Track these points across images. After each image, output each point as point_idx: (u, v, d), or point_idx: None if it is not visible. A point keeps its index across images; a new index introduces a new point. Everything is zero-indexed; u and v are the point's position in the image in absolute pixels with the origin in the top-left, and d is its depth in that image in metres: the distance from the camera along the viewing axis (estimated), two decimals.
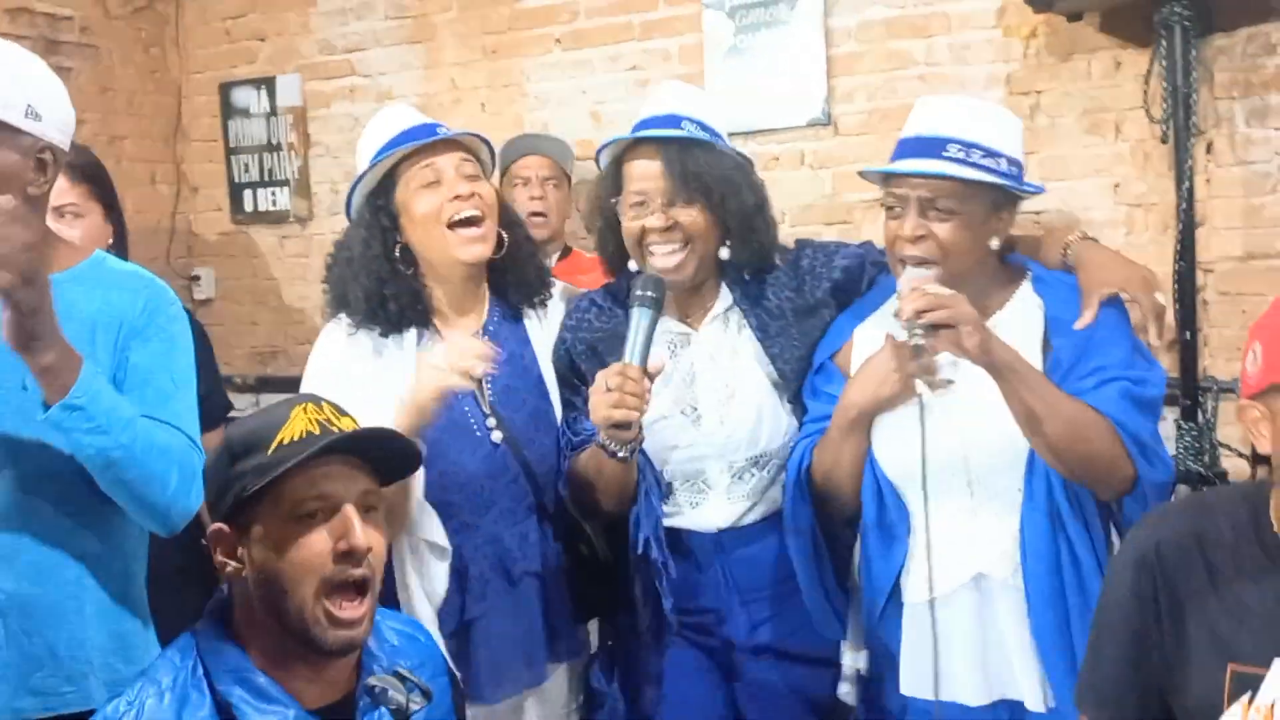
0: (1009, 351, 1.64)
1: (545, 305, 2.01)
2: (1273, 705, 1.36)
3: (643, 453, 1.84)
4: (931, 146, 1.69)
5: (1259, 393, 1.34)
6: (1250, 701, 1.37)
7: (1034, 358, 1.71)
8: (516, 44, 3.37)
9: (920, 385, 1.66)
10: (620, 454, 1.76)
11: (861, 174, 1.84)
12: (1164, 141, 2.54)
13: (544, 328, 2.00)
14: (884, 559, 1.79)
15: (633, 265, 1.90)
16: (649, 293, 1.75)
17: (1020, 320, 1.76)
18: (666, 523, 1.89)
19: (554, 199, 2.88)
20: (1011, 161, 1.72)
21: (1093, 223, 2.73)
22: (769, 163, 3.02)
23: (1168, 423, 2.60)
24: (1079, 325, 1.70)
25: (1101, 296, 1.71)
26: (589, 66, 3.27)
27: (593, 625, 2.08)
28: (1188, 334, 2.52)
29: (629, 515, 1.87)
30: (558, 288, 2.06)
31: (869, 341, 1.80)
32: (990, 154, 1.69)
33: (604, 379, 1.71)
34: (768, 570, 1.91)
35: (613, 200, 1.90)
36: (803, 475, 1.82)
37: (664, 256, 1.84)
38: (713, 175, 1.85)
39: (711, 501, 1.91)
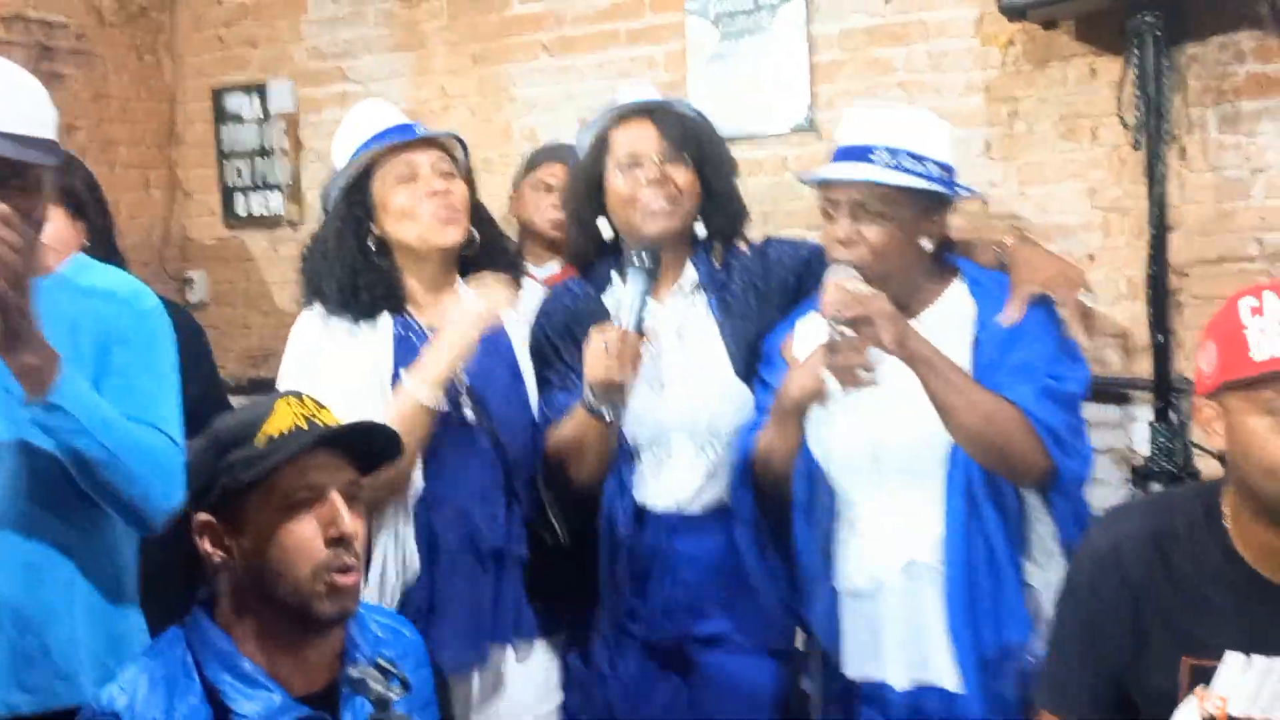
0: (925, 345, 1.71)
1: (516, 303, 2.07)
2: (1226, 697, 1.41)
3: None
4: (860, 153, 1.78)
5: (1213, 391, 1.40)
6: (1204, 693, 1.42)
7: (963, 353, 1.78)
8: (505, 51, 3.42)
9: (830, 379, 1.73)
10: (608, 416, 1.84)
11: (801, 180, 1.93)
12: (1138, 148, 2.59)
13: (517, 317, 2.06)
14: (810, 544, 1.86)
15: (605, 232, 2.00)
16: (645, 261, 1.84)
17: (951, 317, 1.83)
18: (633, 501, 1.97)
19: None
20: (939, 165, 1.80)
21: (1069, 227, 2.78)
22: (752, 168, 3.05)
23: (1141, 424, 2.66)
24: (1003, 322, 1.78)
25: (1027, 295, 1.79)
26: (576, 73, 3.32)
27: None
28: (1160, 336, 2.57)
29: (597, 498, 1.94)
30: (532, 284, 2.13)
31: (810, 334, 1.87)
32: (916, 158, 1.77)
33: (602, 339, 1.81)
34: (725, 566, 1.97)
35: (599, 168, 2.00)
36: (746, 464, 1.90)
37: (656, 206, 1.94)
38: (700, 139, 2.01)
39: (674, 471, 1.97)
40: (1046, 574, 1.78)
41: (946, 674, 1.79)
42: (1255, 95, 2.55)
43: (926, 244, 1.82)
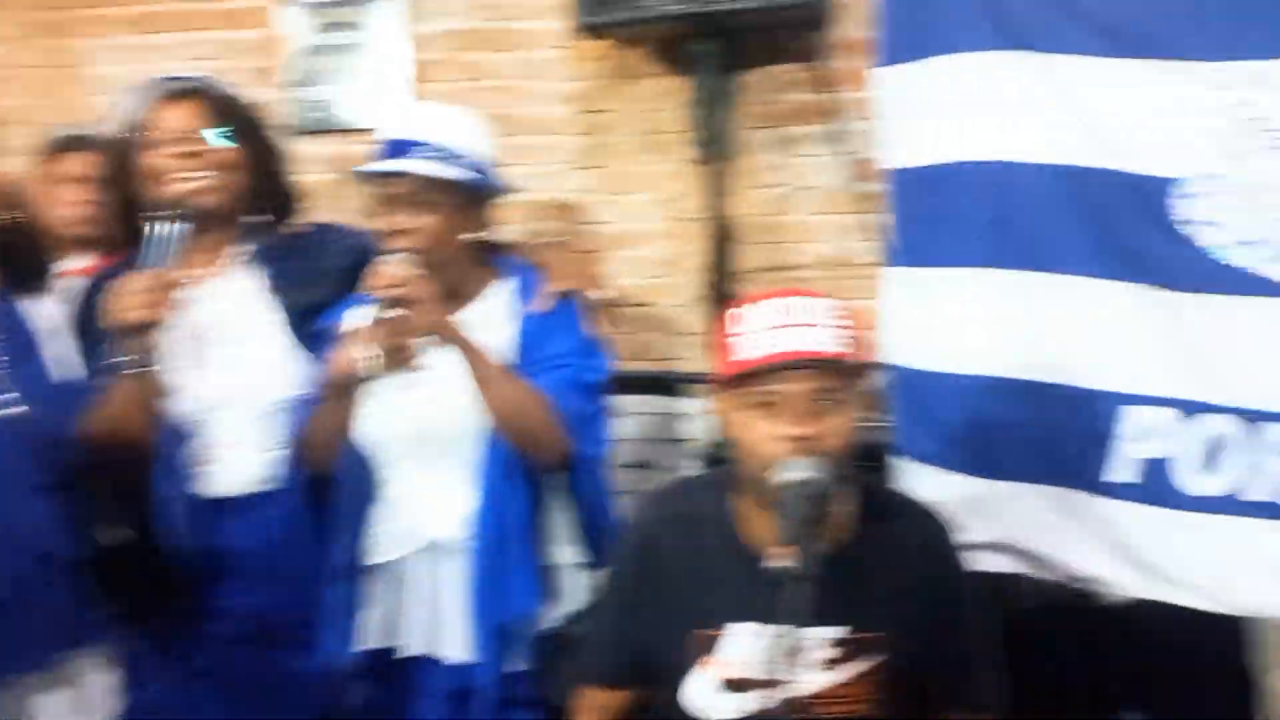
0: (459, 332, 1.84)
1: (48, 293, 1.99)
2: (728, 663, 1.58)
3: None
4: (404, 148, 1.89)
5: (719, 385, 1.58)
6: (710, 660, 1.59)
7: (507, 343, 1.92)
8: (79, 22, 3.16)
9: (356, 361, 1.81)
10: (137, 366, 1.82)
11: (352, 175, 1.99)
12: (702, 164, 2.84)
13: (44, 310, 1.97)
14: (348, 519, 1.94)
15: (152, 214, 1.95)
16: (174, 210, 1.87)
17: (497, 309, 1.97)
18: (188, 486, 1.93)
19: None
20: (479, 161, 1.92)
21: (649, 233, 3.00)
22: (350, 160, 3.03)
23: (700, 414, 2.91)
24: (532, 311, 1.94)
25: (553, 291, 1.96)
26: (161, 52, 3.13)
27: None
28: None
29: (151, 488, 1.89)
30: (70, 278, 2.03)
31: (362, 316, 1.92)
32: (451, 154, 1.89)
33: (128, 283, 1.80)
34: (280, 547, 1.98)
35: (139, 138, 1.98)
36: (295, 442, 1.94)
37: (190, 182, 1.94)
38: (244, 119, 2.03)
39: (232, 456, 1.96)
40: (564, 553, 1.95)
41: (462, 645, 1.90)
42: (800, 121, 2.87)
43: (472, 235, 1.93)
